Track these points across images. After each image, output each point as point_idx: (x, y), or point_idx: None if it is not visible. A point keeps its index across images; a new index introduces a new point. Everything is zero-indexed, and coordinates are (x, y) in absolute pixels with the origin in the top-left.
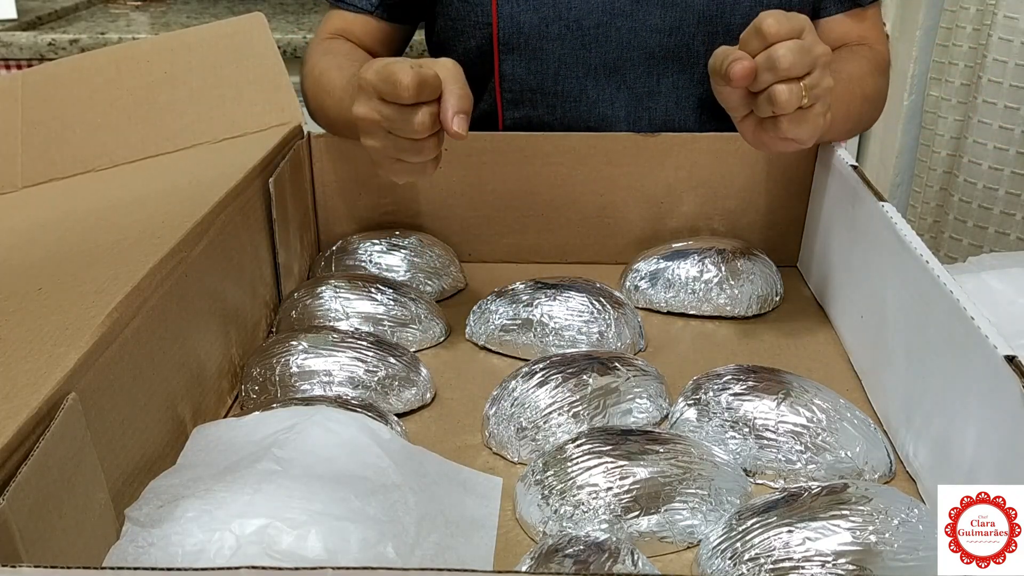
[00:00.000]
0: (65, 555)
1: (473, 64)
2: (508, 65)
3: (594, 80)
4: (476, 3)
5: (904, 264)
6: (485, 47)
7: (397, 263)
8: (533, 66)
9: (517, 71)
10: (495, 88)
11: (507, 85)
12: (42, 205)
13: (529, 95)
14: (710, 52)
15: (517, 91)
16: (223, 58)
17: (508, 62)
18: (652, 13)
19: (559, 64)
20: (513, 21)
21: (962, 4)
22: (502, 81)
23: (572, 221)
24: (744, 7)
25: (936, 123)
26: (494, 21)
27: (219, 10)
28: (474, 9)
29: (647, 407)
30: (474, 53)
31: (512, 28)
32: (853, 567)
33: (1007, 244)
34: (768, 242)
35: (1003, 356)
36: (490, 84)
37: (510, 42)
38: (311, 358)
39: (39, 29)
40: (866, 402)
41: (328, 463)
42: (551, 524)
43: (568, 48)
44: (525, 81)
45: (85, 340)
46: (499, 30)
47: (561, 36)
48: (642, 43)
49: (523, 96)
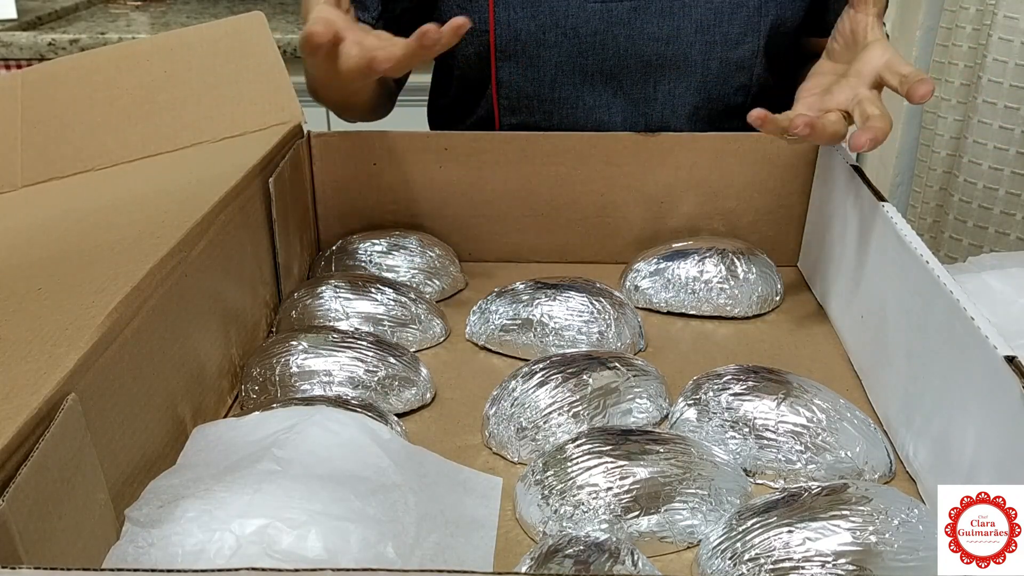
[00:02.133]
0: (65, 556)
1: (471, 70)
2: (505, 72)
3: (591, 87)
4: (474, 10)
5: (904, 264)
6: (483, 54)
7: (397, 263)
8: (530, 73)
9: (514, 78)
10: (492, 95)
11: (504, 92)
12: (42, 205)
13: (526, 102)
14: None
15: (514, 98)
16: (223, 58)
17: (505, 69)
18: (650, 22)
19: (556, 71)
20: (510, 28)
21: (962, 4)
22: (499, 88)
23: (572, 221)
24: (742, 17)
25: (936, 123)
26: (491, 28)
27: (219, 10)
28: (471, 16)
29: (647, 407)
30: (472, 60)
31: (509, 35)
32: (853, 567)
33: (1007, 244)
34: (768, 242)
35: (1003, 356)
36: (487, 91)
37: (507, 49)
38: (311, 358)
39: (39, 29)
40: (866, 402)
41: (328, 463)
42: (551, 524)
43: (565, 55)
44: (522, 88)
45: (85, 340)
46: (496, 37)
47: (558, 43)
48: (639, 51)
49: (520, 103)
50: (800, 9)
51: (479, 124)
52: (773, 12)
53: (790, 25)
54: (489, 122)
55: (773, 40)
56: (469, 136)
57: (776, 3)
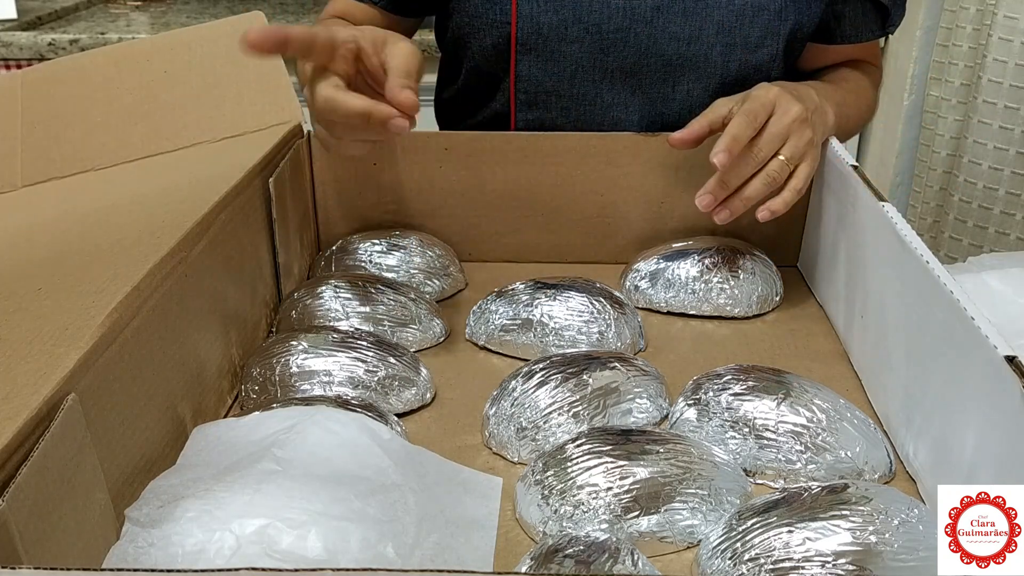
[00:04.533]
0: (65, 556)
1: (488, 63)
2: (524, 65)
3: (610, 84)
4: (495, 1)
5: (904, 264)
6: (502, 46)
7: (397, 263)
8: (549, 67)
9: (533, 72)
10: (509, 88)
11: (522, 86)
12: (42, 205)
13: (544, 97)
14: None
15: (532, 92)
16: (223, 57)
17: (524, 62)
18: (672, 21)
19: (576, 67)
20: (532, 21)
21: (962, 4)
22: (517, 82)
23: (572, 221)
24: (763, 20)
25: (936, 123)
26: (513, 20)
27: (219, 10)
28: (493, 7)
29: (647, 407)
30: (490, 51)
31: (531, 28)
32: (853, 567)
33: (1007, 244)
34: (768, 242)
35: (1003, 356)
36: (504, 84)
37: (528, 42)
38: (311, 358)
39: (39, 29)
40: (866, 402)
41: (328, 463)
42: (551, 524)
43: (586, 51)
44: (540, 82)
45: (85, 340)
46: (518, 29)
47: (580, 39)
48: (660, 50)
49: (537, 98)
50: (815, 15)
51: (492, 119)
52: (792, 17)
53: (807, 30)
54: (504, 118)
55: (791, 45)
56: (469, 136)
57: (795, 8)
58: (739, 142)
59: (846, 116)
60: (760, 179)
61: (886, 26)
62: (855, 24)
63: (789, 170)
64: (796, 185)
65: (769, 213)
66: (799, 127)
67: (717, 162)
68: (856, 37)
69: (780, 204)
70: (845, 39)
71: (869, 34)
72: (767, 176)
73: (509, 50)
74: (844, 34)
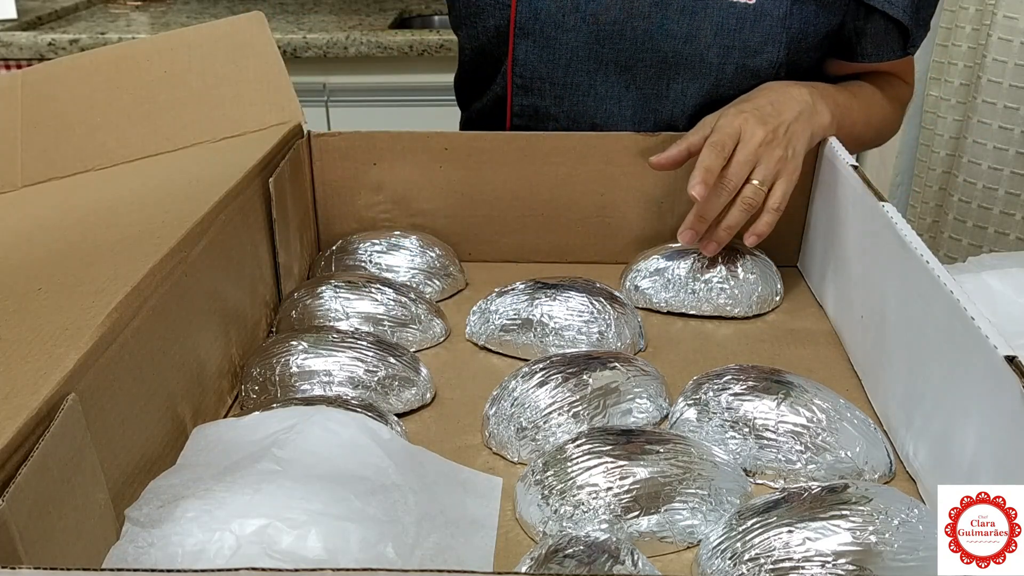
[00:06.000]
0: (65, 555)
1: (489, 44)
2: (522, 50)
3: (604, 76)
4: None
5: (904, 264)
6: (502, 28)
7: (397, 263)
8: (546, 54)
9: (530, 57)
10: (507, 72)
11: (519, 71)
12: (42, 205)
13: (539, 83)
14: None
15: (528, 78)
16: (223, 58)
17: (522, 47)
18: (670, 18)
19: (572, 55)
20: (531, 5)
21: (962, 4)
22: (514, 66)
23: (572, 221)
24: (764, 26)
25: (936, 123)
26: (512, 2)
27: (219, 10)
28: None
29: (647, 407)
30: (491, 32)
31: (529, 12)
32: (853, 567)
33: (1007, 244)
34: (768, 242)
35: (1003, 356)
36: (503, 67)
37: (526, 26)
38: (311, 358)
39: (39, 29)
40: (866, 402)
41: (328, 463)
42: (551, 524)
43: (582, 41)
44: (536, 68)
45: (85, 340)
46: (516, 12)
47: (577, 28)
48: (656, 46)
49: (533, 84)
50: (825, 25)
51: (495, 103)
52: (797, 25)
53: (812, 40)
54: (503, 102)
55: (795, 53)
56: (469, 136)
57: (800, 16)
58: (712, 172)
59: (850, 120)
60: (737, 207)
61: (907, 47)
62: (876, 43)
63: (764, 192)
64: (774, 204)
65: (756, 237)
66: (766, 150)
67: (695, 195)
68: (877, 57)
69: (763, 226)
70: (866, 58)
71: (890, 54)
72: (743, 203)
73: (508, 32)
74: (865, 52)
